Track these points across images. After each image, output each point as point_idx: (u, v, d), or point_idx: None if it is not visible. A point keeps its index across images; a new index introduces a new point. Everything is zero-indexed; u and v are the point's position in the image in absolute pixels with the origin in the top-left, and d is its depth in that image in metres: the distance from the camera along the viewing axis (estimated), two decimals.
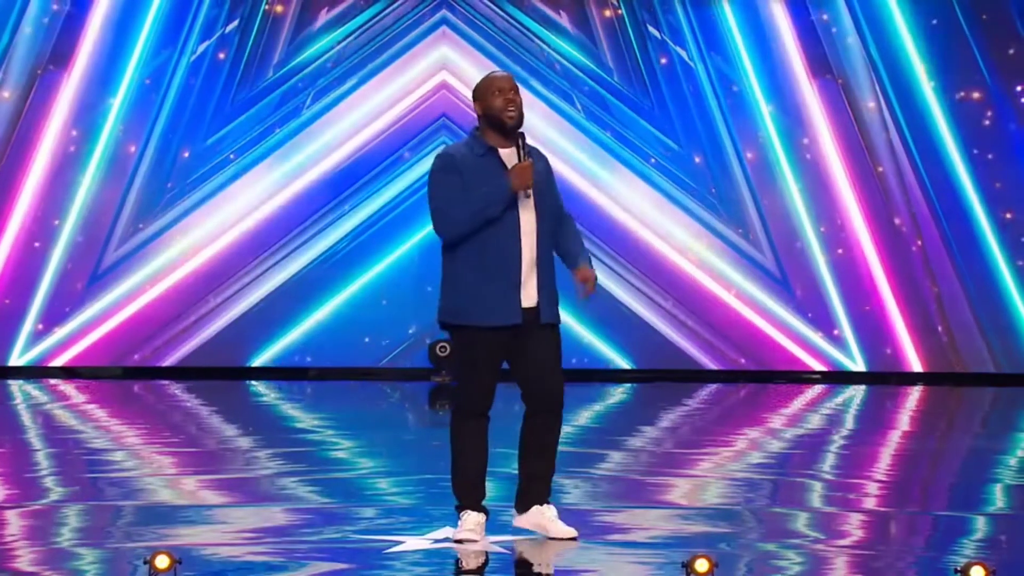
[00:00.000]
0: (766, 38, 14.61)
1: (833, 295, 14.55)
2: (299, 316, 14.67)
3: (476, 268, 6.63)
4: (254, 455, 9.77)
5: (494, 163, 6.66)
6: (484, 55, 14.69)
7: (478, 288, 6.64)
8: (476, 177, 6.60)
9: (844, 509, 7.99)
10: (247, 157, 14.60)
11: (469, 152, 6.69)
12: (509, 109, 6.71)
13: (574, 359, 14.63)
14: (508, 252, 6.63)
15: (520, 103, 6.73)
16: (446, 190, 6.59)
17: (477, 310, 6.64)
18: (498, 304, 6.64)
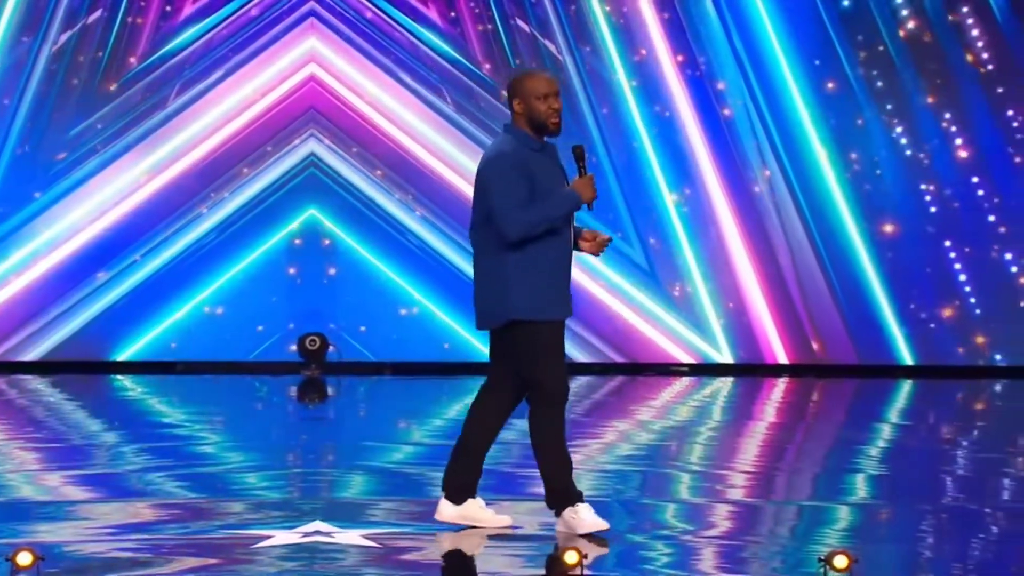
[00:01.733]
0: (633, 31, 14.70)
1: (700, 288, 14.68)
2: (166, 309, 14.51)
3: (554, 265, 6.89)
4: (120, 450, 9.66)
5: (550, 160, 6.81)
6: (353, 47, 14.62)
7: (557, 284, 6.92)
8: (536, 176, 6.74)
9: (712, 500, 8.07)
10: (112, 148, 14.41)
11: (523, 149, 6.75)
12: (553, 116, 6.78)
13: (442, 353, 14.61)
14: (563, 253, 6.93)
15: (561, 107, 6.83)
16: (517, 190, 6.69)
17: (559, 304, 6.93)
18: (560, 299, 6.96)
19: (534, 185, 6.73)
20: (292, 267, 14.63)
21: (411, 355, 14.68)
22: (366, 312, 14.65)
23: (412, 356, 14.68)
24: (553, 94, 6.77)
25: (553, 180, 6.80)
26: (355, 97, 14.57)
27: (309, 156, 14.55)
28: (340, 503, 7.67)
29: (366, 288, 14.64)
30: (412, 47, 14.61)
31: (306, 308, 14.57)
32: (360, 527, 6.93)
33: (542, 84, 6.76)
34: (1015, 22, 14.61)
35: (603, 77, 14.64)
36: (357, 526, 6.95)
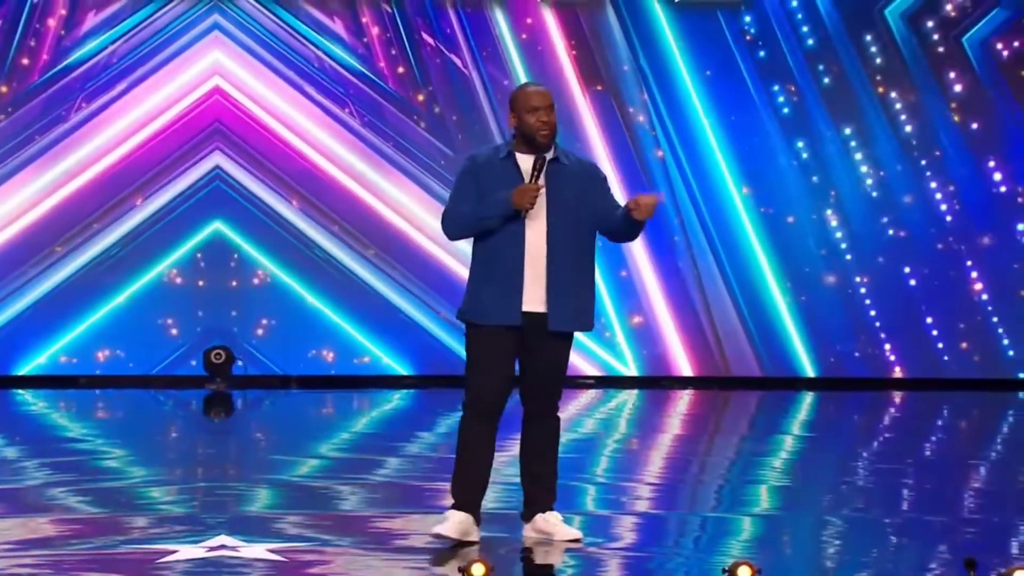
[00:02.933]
0: (538, 45, 14.77)
1: (605, 300, 14.75)
2: (68, 323, 14.37)
3: (482, 270, 6.88)
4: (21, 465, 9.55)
5: (511, 168, 6.87)
6: (257, 60, 14.57)
7: (480, 289, 6.88)
8: (493, 181, 6.84)
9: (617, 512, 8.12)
10: (13, 161, 14.26)
11: (494, 156, 6.93)
12: (542, 129, 6.87)
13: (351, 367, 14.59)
14: (510, 258, 6.82)
15: (554, 121, 6.89)
16: (458, 191, 6.94)
17: (477, 309, 6.87)
18: (496, 305, 6.83)
19: (477, 188, 6.87)
20: (197, 280, 14.54)
21: (317, 368, 14.64)
22: (272, 325, 14.60)
23: (318, 369, 14.64)
24: (544, 107, 6.88)
25: (501, 186, 6.86)
26: (260, 110, 14.53)
27: (214, 169, 14.49)
28: (245, 517, 7.64)
29: (272, 301, 14.59)
30: (317, 60, 14.59)
31: (211, 321, 14.50)
32: (266, 541, 6.91)
33: (533, 98, 6.90)
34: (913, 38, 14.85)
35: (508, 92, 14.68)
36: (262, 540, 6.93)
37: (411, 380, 14.64)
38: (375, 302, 14.54)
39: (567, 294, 6.89)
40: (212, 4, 14.50)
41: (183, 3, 14.48)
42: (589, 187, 7.00)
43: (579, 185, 6.97)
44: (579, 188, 6.96)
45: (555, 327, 6.89)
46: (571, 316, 6.93)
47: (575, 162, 7.03)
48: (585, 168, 7.05)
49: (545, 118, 6.88)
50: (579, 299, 6.95)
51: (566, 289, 6.89)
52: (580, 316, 6.96)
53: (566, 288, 6.89)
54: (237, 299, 14.55)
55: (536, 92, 6.94)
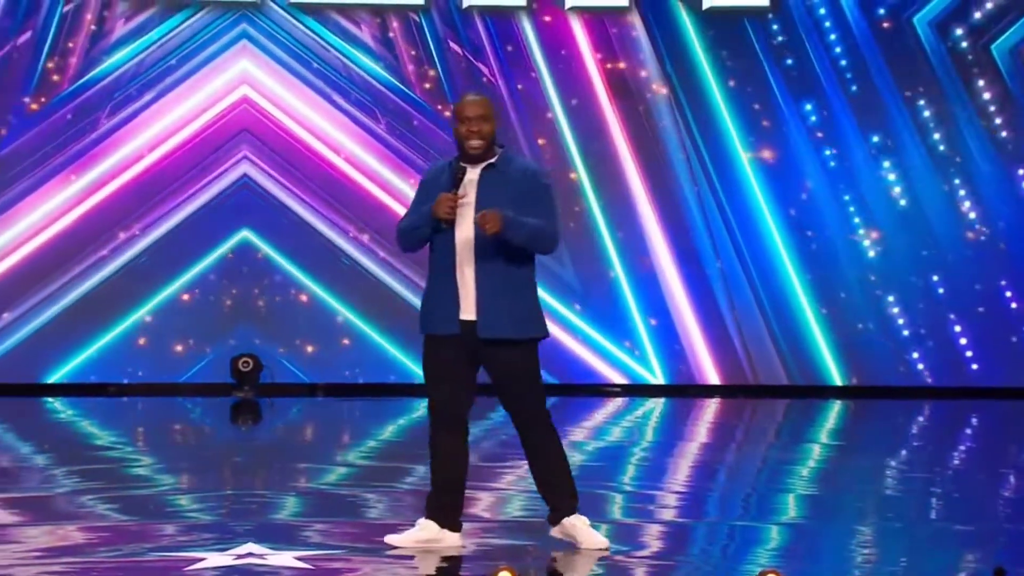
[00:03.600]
0: (566, 55, 14.77)
1: (633, 309, 14.75)
2: (97, 331, 14.41)
3: (435, 281, 7.03)
4: (50, 473, 9.60)
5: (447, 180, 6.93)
6: (285, 69, 14.61)
7: (425, 299, 7.08)
8: (431, 191, 6.97)
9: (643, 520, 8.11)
10: (43, 170, 14.32)
11: (444, 166, 7.05)
12: (471, 138, 6.93)
13: (377, 375, 14.61)
14: (444, 266, 6.95)
15: (486, 131, 6.93)
16: (412, 203, 7.12)
17: (424, 320, 7.09)
18: (435, 315, 7.00)
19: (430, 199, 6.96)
20: (225, 288, 14.58)
21: (344, 376, 14.67)
22: (299, 333, 14.62)
23: (345, 377, 14.67)
24: (475, 117, 6.93)
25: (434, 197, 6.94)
26: (288, 119, 14.56)
27: (242, 178, 14.53)
28: (273, 525, 7.66)
29: (299, 309, 14.62)
30: (345, 69, 14.62)
31: (239, 329, 14.53)
32: (293, 549, 6.93)
33: (465, 108, 6.98)
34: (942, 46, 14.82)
35: (535, 99, 14.70)
36: (290, 548, 6.95)
37: None
38: (402, 310, 14.55)
39: (497, 301, 6.89)
40: (240, 13, 14.55)
41: (212, 13, 14.53)
42: (524, 194, 6.96)
43: (514, 192, 6.94)
44: (513, 195, 6.94)
45: (483, 334, 6.91)
46: (501, 323, 6.90)
47: (517, 169, 7.01)
48: (526, 176, 7.01)
49: (475, 128, 6.93)
50: (513, 305, 6.92)
51: (496, 296, 6.89)
52: (514, 322, 6.92)
53: (495, 295, 6.89)
54: (265, 307, 14.58)
55: (469, 102, 7.00)
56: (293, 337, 14.61)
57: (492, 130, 6.97)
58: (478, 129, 6.92)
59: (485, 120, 6.93)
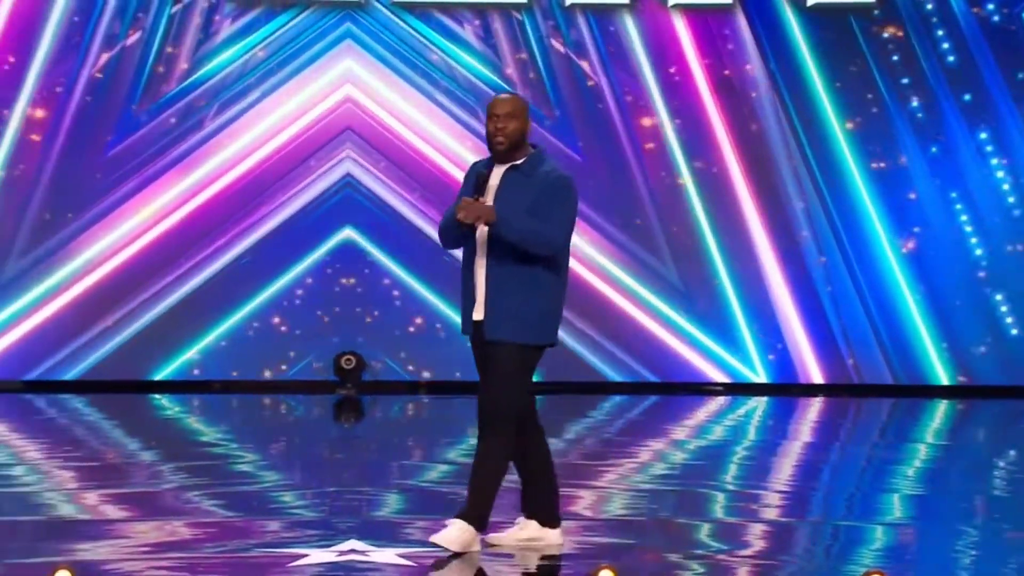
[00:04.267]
0: (668, 51, 14.72)
1: (735, 307, 14.67)
2: (203, 329, 14.57)
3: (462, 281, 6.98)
4: (157, 469, 9.71)
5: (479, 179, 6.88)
6: (389, 68, 14.67)
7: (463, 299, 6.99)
8: (465, 191, 6.95)
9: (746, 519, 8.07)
10: (149, 170, 14.48)
11: (480, 167, 7.01)
12: (495, 136, 6.87)
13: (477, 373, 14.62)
14: (467, 267, 6.92)
15: (511, 129, 6.83)
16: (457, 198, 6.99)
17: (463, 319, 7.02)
18: (463, 315, 6.98)
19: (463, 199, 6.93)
20: (328, 286, 14.67)
21: (447, 374, 14.71)
22: (401, 331, 14.69)
23: (448, 375, 14.71)
24: (501, 115, 6.85)
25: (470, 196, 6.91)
26: (391, 117, 14.63)
27: (345, 176, 14.61)
28: (375, 522, 7.70)
29: (401, 306, 14.68)
30: (448, 68, 14.67)
31: (342, 327, 14.62)
32: (395, 546, 6.97)
33: (492, 105, 6.94)
34: None
35: (638, 98, 14.66)
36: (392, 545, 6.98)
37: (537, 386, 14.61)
38: None
39: (502, 303, 6.82)
40: (344, 13, 14.64)
41: (316, 12, 14.64)
42: (541, 199, 6.85)
43: (533, 196, 6.84)
44: (533, 199, 6.84)
45: (489, 336, 6.86)
46: (503, 325, 6.82)
47: (541, 173, 6.87)
48: (547, 180, 6.87)
49: (500, 125, 6.84)
50: (518, 308, 6.82)
51: (502, 298, 6.81)
52: (515, 326, 6.82)
53: (502, 296, 6.81)
54: (367, 305, 14.66)
55: (495, 100, 6.94)
56: (395, 335, 14.67)
57: (519, 129, 6.84)
58: (503, 127, 6.83)
59: (511, 118, 6.83)
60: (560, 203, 6.87)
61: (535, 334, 6.88)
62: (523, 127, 6.88)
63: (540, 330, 6.90)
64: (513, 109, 6.85)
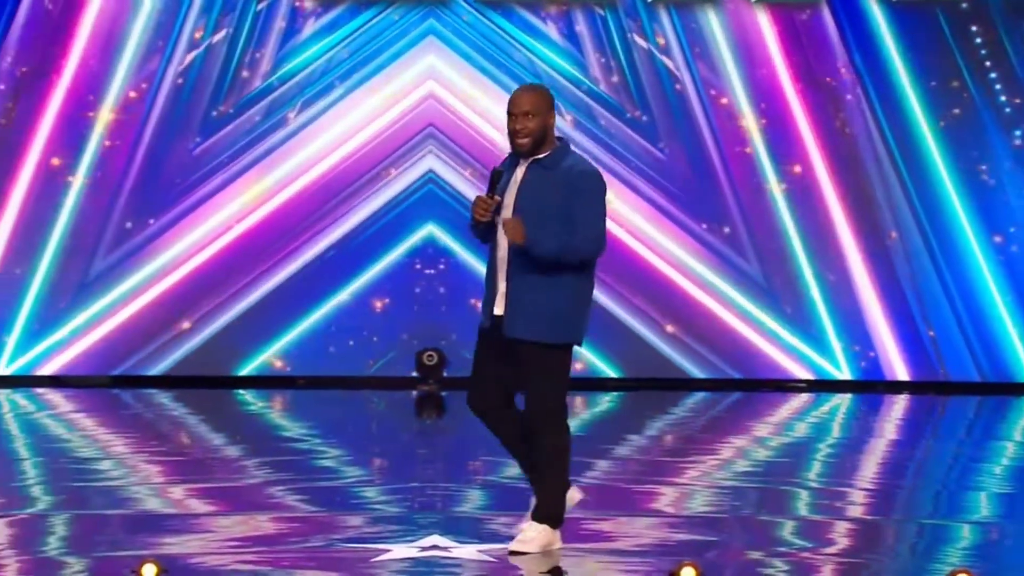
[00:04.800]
0: (752, 47, 14.64)
1: (819, 303, 14.57)
2: (286, 325, 14.65)
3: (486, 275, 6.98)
4: (242, 464, 9.78)
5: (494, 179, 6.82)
6: (471, 65, 14.69)
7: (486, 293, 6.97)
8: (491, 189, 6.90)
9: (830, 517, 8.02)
10: (234, 167, 14.59)
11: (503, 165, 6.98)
12: (516, 136, 6.79)
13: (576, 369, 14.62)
14: (490, 262, 6.88)
15: (532, 127, 6.72)
16: None
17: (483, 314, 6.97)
18: (484, 306, 6.93)
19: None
20: (410, 282, 14.72)
21: None
22: None
23: None
24: (519, 114, 6.75)
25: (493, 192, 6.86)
26: (473, 114, 14.65)
27: (427, 173, 14.65)
28: (457, 517, 7.72)
29: None
30: (530, 64, 14.66)
31: (424, 323, 14.66)
32: (477, 542, 6.98)
33: (511, 101, 6.84)
34: None
35: (721, 93, 14.60)
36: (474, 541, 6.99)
37: (620, 383, 14.64)
38: None
39: (524, 301, 6.72)
40: (428, 9, 14.67)
41: (399, 9, 14.68)
42: (568, 196, 6.74)
43: (558, 192, 6.73)
44: (558, 190, 6.73)
45: (509, 333, 6.77)
46: (524, 323, 6.72)
47: (565, 168, 6.76)
48: (572, 175, 6.75)
49: (520, 125, 6.73)
50: (538, 307, 6.71)
51: (524, 296, 6.72)
52: (537, 324, 6.71)
53: (524, 293, 6.73)
54: (449, 301, 14.69)
55: (514, 97, 6.82)
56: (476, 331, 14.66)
57: (541, 126, 6.73)
58: (523, 127, 6.72)
59: (532, 116, 6.71)
60: (589, 203, 6.76)
61: (556, 333, 6.75)
62: (545, 122, 6.76)
63: (563, 329, 6.77)
64: (533, 106, 6.74)
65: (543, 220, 6.73)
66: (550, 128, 6.79)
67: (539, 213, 6.73)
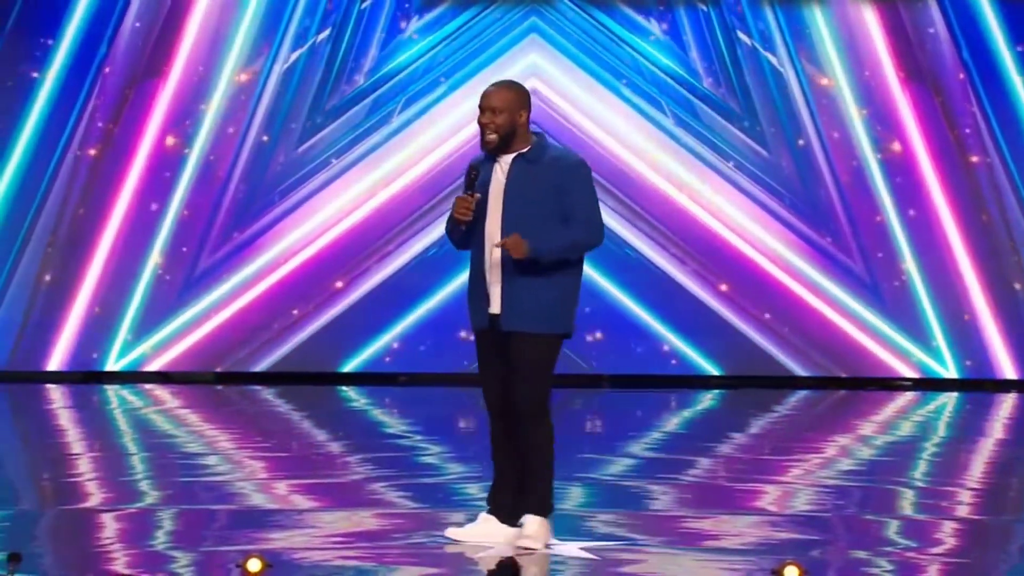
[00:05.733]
0: (857, 42, 14.52)
1: (924, 301, 14.43)
2: (388, 322, 14.74)
3: (471, 275, 6.92)
4: (345, 460, 9.85)
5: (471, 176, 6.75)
6: (574, 62, 14.69)
7: (472, 293, 6.92)
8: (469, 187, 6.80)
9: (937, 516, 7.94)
10: (339, 164, 14.70)
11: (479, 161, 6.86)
12: (484, 132, 6.75)
13: (661, 366, 14.60)
14: (476, 261, 6.84)
15: (499, 123, 6.68)
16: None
17: (471, 313, 6.92)
18: (472, 308, 6.89)
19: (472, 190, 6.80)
20: None
21: (628, 367, 14.69)
22: (584, 324, 14.69)
23: (629, 368, 14.69)
24: (486, 109, 6.71)
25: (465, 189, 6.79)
26: (575, 111, 14.65)
27: None
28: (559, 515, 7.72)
29: (585, 300, 14.65)
30: (633, 62, 14.64)
31: None
32: (578, 539, 6.98)
33: (481, 97, 6.77)
34: None
35: (825, 89, 14.49)
36: (575, 538, 6.99)
37: (721, 380, 14.57)
38: (686, 302, 14.52)
39: (521, 294, 6.71)
40: (530, 7, 14.69)
41: (502, 7, 14.71)
42: (558, 186, 6.71)
43: (547, 180, 6.70)
44: (547, 183, 6.69)
45: (508, 327, 6.73)
46: (522, 316, 6.71)
47: (550, 159, 6.73)
48: (559, 165, 6.72)
49: (486, 120, 6.70)
50: (537, 299, 6.72)
51: (520, 289, 6.70)
52: (535, 317, 6.71)
53: (520, 288, 6.71)
54: None
55: (485, 92, 6.77)
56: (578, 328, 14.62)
57: (509, 122, 6.69)
58: (489, 121, 6.68)
59: (498, 112, 6.67)
60: (582, 188, 6.77)
61: (553, 324, 6.81)
62: (514, 119, 6.72)
63: (559, 320, 6.83)
64: (500, 103, 6.70)
65: (537, 219, 6.73)
66: (520, 125, 6.77)
67: (530, 210, 6.73)
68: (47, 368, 14.55)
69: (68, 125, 14.48)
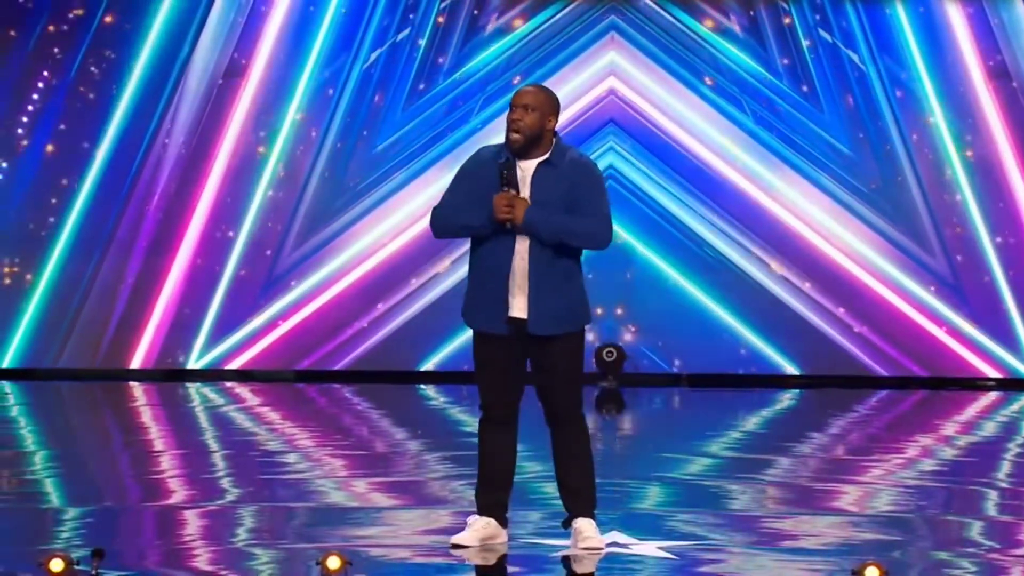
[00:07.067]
0: (940, 40, 14.39)
1: (1008, 300, 14.28)
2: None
3: (475, 274, 6.78)
4: (423, 458, 9.88)
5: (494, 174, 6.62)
6: (653, 60, 14.66)
7: (474, 293, 6.79)
8: (480, 184, 6.66)
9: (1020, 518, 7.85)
10: (417, 163, 14.75)
11: (496, 155, 6.70)
12: (510, 129, 6.65)
13: (740, 366, 14.55)
14: (497, 264, 6.68)
15: (527, 123, 6.59)
16: (450, 188, 6.78)
17: (470, 313, 6.80)
18: (483, 311, 6.75)
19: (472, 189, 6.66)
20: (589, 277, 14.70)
21: (707, 366, 14.64)
22: (662, 324, 14.66)
23: (708, 367, 14.64)
24: (519, 106, 6.61)
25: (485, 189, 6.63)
26: (654, 109, 14.62)
27: (608, 168, 14.65)
28: (637, 514, 7.71)
29: (663, 299, 14.65)
30: (712, 59, 14.58)
31: (603, 319, 14.66)
32: (657, 539, 6.96)
33: (514, 95, 6.69)
34: None
35: (907, 88, 14.37)
36: (654, 538, 6.97)
37: (801, 380, 14.49)
38: (766, 301, 14.45)
39: (550, 298, 6.64)
40: (610, 6, 14.68)
41: (582, 5, 14.70)
42: (574, 187, 6.64)
43: (567, 186, 6.63)
44: (566, 189, 6.63)
45: (535, 331, 6.66)
46: (551, 319, 6.65)
47: (569, 162, 6.66)
48: (576, 168, 6.66)
49: (517, 116, 6.58)
50: (563, 300, 6.67)
51: (547, 293, 6.64)
52: (564, 318, 6.68)
53: (547, 292, 6.64)
54: (628, 297, 14.68)
55: (519, 91, 6.68)
56: (657, 328, 14.65)
57: (537, 124, 6.59)
58: (519, 118, 6.58)
59: (529, 111, 6.58)
60: (597, 190, 6.75)
61: (578, 321, 6.80)
62: (544, 121, 6.63)
63: (582, 316, 6.82)
64: (533, 102, 6.61)
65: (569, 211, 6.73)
66: (547, 131, 6.68)
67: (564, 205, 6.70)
68: (131, 366, 14.69)
69: (150, 127, 14.60)
